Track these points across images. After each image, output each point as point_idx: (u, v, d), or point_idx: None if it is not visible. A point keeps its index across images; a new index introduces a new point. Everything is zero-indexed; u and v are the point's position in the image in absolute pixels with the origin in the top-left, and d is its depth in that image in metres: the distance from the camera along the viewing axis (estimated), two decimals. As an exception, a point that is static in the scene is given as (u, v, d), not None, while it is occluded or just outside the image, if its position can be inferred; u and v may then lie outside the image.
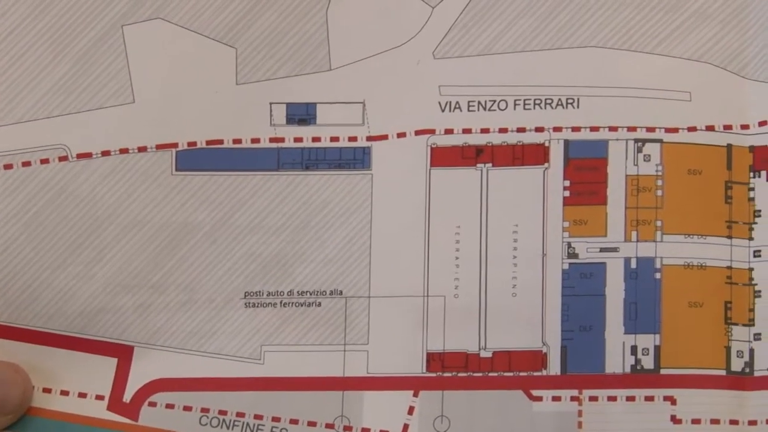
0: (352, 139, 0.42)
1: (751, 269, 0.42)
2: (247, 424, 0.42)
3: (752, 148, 0.42)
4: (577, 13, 0.42)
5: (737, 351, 0.42)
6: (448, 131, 0.42)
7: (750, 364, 0.42)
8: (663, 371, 0.42)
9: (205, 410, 0.42)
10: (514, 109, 0.42)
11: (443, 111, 0.42)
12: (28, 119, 0.41)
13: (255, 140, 0.42)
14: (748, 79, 0.42)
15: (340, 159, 0.42)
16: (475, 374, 0.42)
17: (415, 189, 0.42)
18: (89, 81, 0.41)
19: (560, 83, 0.42)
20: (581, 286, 0.42)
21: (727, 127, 0.42)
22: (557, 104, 0.42)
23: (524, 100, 0.42)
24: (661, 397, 0.42)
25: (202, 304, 0.42)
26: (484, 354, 0.42)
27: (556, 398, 0.42)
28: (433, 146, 0.42)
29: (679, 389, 0.42)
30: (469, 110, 0.42)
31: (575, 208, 0.42)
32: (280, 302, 0.42)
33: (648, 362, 0.42)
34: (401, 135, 0.42)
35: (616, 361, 0.42)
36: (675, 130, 0.42)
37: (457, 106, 0.42)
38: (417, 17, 0.42)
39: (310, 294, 0.42)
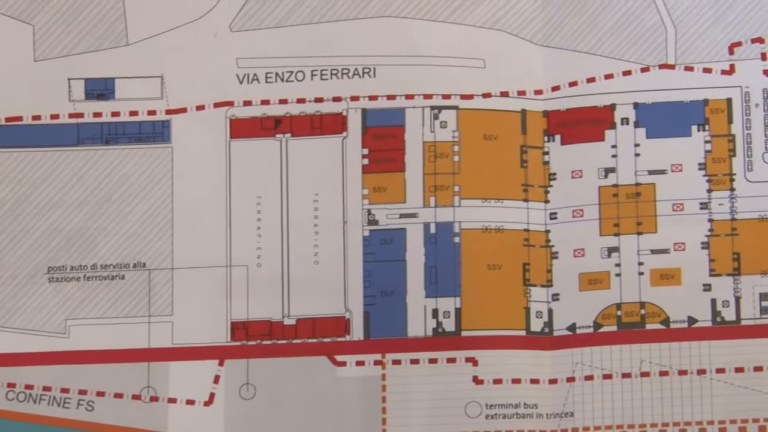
0: (152, 113, 0.43)
1: (547, 231, 0.43)
2: (54, 398, 0.42)
3: (546, 113, 0.43)
4: (371, -17, 0.43)
5: (536, 311, 0.43)
6: (247, 103, 0.43)
7: (549, 324, 0.43)
8: (464, 333, 0.43)
9: (11, 385, 0.42)
10: (312, 79, 0.43)
11: (241, 83, 0.43)
12: None
13: (54, 116, 0.42)
14: (541, 45, 0.43)
15: (139, 133, 0.43)
16: (280, 342, 0.43)
17: (215, 161, 0.43)
18: None
19: (356, 53, 0.43)
20: (382, 252, 0.43)
21: (521, 93, 0.43)
22: (354, 74, 0.43)
23: (321, 70, 0.43)
24: (463, 358, 0.43)
25: (5, 280, 0.42)
26: (287, 321, 0.43)
27: (359, 363, 0.43)
28: (232, 118, 0.43)
29: (481, 350, 0.43)
30: (267, 82, 0.43)
31: (374, 175, 0.43)
32: (84, 276, 0.42)
33: (449, 325, 0.43)
34: (200, 108, 0.43)
35: (418, 325, 0.43)
36: (470, 97, 0.43)
37: (255, 77, 0.43)
38: (213, -9, 0.43)
39: (114, 267, 0.42)
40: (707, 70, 0.43)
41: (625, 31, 0.43)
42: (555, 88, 0.43)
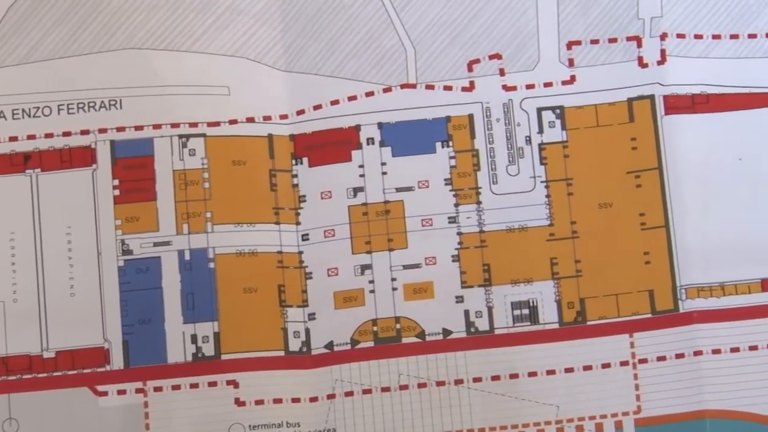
0: None
1: (300, 252, 0.44)
2: None
3: (293, 137, 0.44)
4: (113, 17, 0.44)
5: (294, 331, 0.44)
6: (-5, 140, 0.43)
7: (307, 343, 0.44)
8: (224, 357, 0.43)
9: None
10: (59, 113, 0.43)
11: (-12, 121, 0.43)
12: None
13: None
14: (284, 71, 0.44)
15: None
16: (40, 375, 0.43)
17: (-34, 199, 0.43)
18: None
19: (102, 86, 0.44)
20: (138, 281, 0.43)
21: (267, 118, 0.44)
22: (101, 106, 0.43)
23: (68, 104, 0.43)
24: (224, 381, 0.43)
25: None
26: (47, 354, 0.43)
27: (121, 392, 0.43)
28: (-20, 156, 0.43)
29: (241, 373, 0.43)
30: (13, 118, 0.43)
31: (126, 205, 0.43)
32: None
33: (209, 349, 0.43)
34: (-52, 148, 0.43)
35: (177, 351, 0.43)
36: (217, 124, 0.44)
37: (2, 114, 0.43)
38: (-46, 31, 0.43)
39: None
40: (448, 88, 0.44)
41: (366, 54, 0.44)
42: (300, 112, 0.44)
